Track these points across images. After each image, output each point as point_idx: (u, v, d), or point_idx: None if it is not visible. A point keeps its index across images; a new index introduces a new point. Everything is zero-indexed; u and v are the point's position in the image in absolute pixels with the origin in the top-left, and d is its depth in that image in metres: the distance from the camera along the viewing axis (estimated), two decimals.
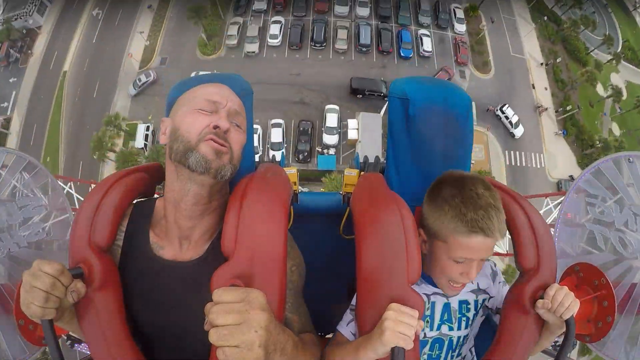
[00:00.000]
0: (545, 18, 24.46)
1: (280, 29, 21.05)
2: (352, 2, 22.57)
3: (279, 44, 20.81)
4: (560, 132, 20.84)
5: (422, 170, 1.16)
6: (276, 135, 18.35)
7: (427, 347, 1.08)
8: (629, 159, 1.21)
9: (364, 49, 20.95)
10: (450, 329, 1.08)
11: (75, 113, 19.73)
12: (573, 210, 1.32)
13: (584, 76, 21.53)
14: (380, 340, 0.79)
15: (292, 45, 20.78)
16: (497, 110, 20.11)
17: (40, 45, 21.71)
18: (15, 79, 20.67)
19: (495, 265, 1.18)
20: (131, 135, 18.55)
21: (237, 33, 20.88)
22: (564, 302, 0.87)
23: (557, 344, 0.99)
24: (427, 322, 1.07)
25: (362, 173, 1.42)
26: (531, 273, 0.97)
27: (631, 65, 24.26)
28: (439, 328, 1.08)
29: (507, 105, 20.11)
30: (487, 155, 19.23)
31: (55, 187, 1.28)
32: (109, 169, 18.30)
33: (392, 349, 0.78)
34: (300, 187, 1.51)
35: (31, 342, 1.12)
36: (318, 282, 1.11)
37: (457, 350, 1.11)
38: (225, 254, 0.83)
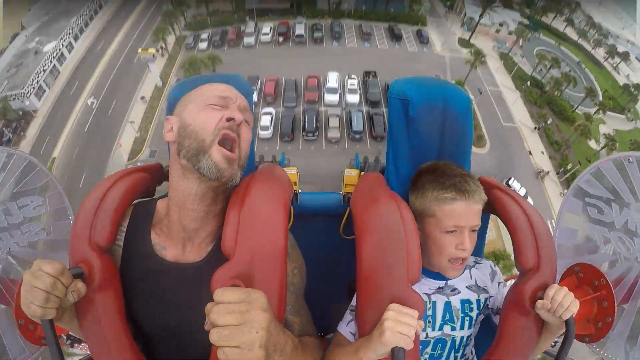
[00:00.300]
0: (528, 83, 25.50)
1: (271, 121, 20.75)
2: (342, 90, 22.61)
3: (270, 135, 20.39)
4: (565, 192, 20.45)
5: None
6: None
7: (429, 347, 1.08)
8: (628, 160, 1.21)
9: (357, 136, 20.65)
10: (453, 328, 1.08)
11: None
12: (573, 212, 1.32)
13: (578, 130, 21.94)
14: (380, 341, 0.79)
15: (284, 136, 20.39)
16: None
17: (34, 128, 21.82)
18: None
19: (495, 265, 1.18)
20: None
21: None
22: (564, 302, 0.88)
23: (557, 343, 0.99)
24: (429, 322, 1.07)
25: (362, 173, 1.42)
26: (531, 273, 0.97)
27: (615, 114, 24.99)
28: (441, 328, 1.08)
29: (512, 179, 19.90)
30: (499, 234, 17.90)
31: (55, 187, 1.28)
32: None
33: (392, 350, 0.78)
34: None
35: (31, 342, 1.11)
36: (318, 282, 1.11)
37: (460, 351, 1.11)
38: (226, 254, 0.83)
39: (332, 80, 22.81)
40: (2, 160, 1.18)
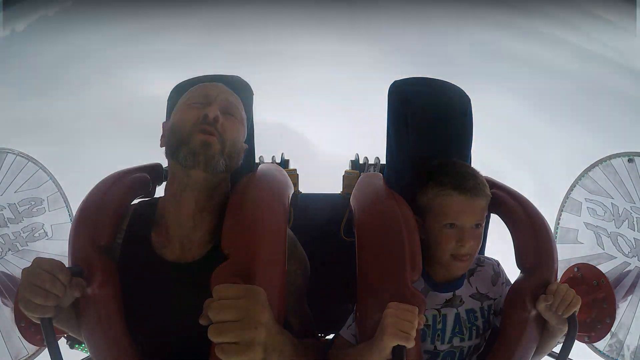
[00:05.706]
0: None
1: None
2: None
3: None
4: None
5: (421, 170, 1.16)
6: None
7: (439, 359, 1.07)
8: (628, 159, 1.21)
9: None
10: (462, 340, 1.06)
11: None
12: (573, 212, 1.32)
13: None
14: (382, 340, 0.79)
15: None
16: None
17: None
18: None
19: (498, 266, 1.16)
20: None
21: None
22: (566, 298, 0.87)
23: (559, 343, 0.98)
24: (439, 335, 1.05)
25: (361, 173, 1.43)
26: (531, 271, 0.97)
27: None
28: (450, 341, 1.06)
29: None
30: None
31: (56, 187, 1.29)
32: None
33: (393, 348, 0.78)
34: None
35: (31, 342, 1.12)
36: (318, 282, 1.11)
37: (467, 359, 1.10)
38: (225, 252, 0.83)
39: None
40: (2, 161, 1.18)
